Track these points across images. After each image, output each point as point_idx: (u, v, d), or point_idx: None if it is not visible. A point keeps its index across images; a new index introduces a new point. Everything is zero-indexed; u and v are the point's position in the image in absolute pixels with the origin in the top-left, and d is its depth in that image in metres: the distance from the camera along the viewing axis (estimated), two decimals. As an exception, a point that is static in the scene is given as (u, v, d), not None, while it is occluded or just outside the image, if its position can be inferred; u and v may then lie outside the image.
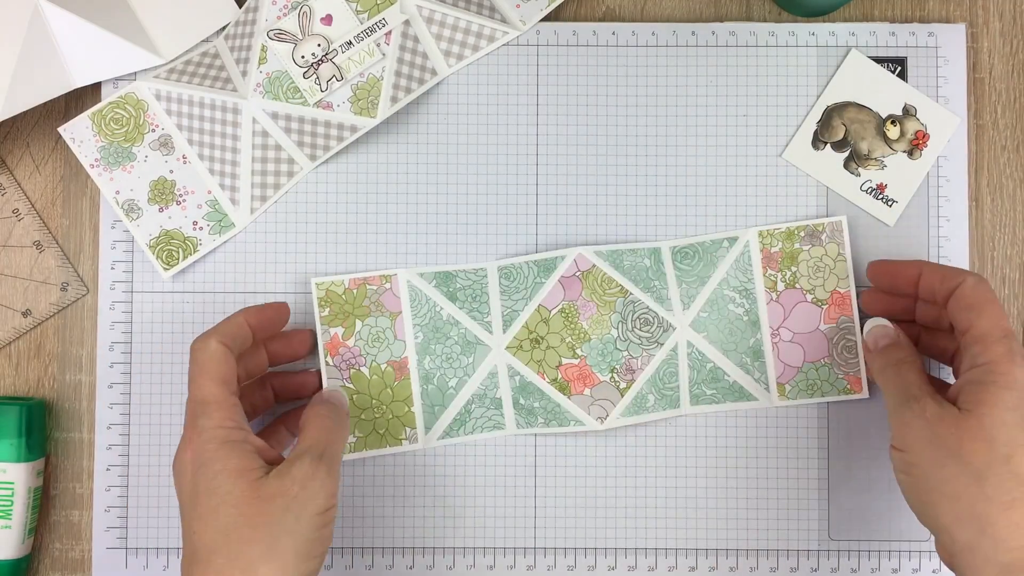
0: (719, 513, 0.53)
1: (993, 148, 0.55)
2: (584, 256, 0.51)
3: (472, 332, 0.52)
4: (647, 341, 0.52)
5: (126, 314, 0.54)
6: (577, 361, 0.51)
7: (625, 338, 0.52)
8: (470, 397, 0.52)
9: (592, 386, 0.51)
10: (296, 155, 0.54)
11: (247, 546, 0.41)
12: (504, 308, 0.52)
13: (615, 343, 0.51)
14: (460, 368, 0.52)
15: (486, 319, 0.52)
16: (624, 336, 0.52)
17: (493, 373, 0.52)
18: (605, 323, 0.51)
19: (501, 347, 0.50)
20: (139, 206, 0.54)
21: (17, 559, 0.52)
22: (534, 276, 0.52)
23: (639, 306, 0.51)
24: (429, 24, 0.53)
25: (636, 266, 0.52)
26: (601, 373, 0.51)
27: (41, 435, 0.53)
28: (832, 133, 0.54)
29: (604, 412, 0.51)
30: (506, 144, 0.54)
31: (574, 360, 0.51)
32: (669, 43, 0.55)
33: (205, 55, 0.54)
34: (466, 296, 0.53)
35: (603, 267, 0.51)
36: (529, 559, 0.53)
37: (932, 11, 0.55)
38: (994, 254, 0.55)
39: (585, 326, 0.51)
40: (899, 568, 0.53)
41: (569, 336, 0.51)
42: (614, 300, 0.51)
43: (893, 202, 0.54)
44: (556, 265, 0.52)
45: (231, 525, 0.41)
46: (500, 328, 0.52)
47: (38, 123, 0.55)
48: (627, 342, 0.52)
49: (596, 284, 0.51)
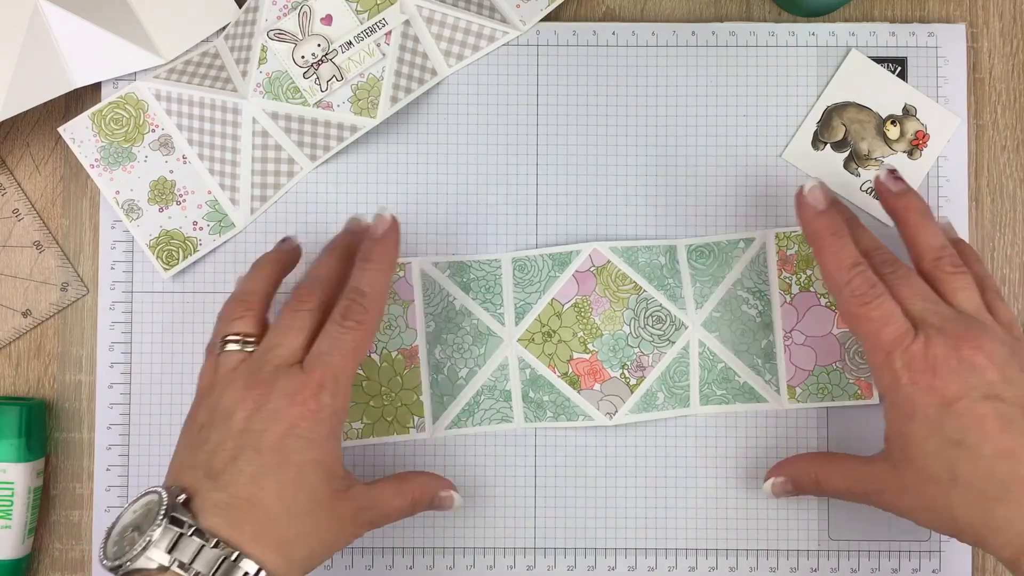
0: (719, 513, 0.53)
1: (993, 148, 0.55)
2: (599, 251, 0.51)
3: (484, 323, 0.52)
4: (659, 339, 0.52)
5: (126, 314, 0.54)
6: (588, 356, 0.51)
7: (637, 335, 0.52)
8: (479, 388, 0.52)
9: (602, 381, 0.51)
10: (296, 155, 0.54)
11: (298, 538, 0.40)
12: (517, 300, 0.52)
13: (627, 339, 0.52)
14: (471, 359, 0.52)
15: (499, 311, 0.52)
16: (636, 333, 0.52)
17: (504, 365, 0.52)
18: (617, 319, 0.51)
19: (513, 339, 0.50)
20: (139, 206, 0.54)
21: (17, 559, 0.52)
22: (548, 269, 0.52)
23: (652, 303, 0.51)
24: (429, 24, 0.53)
25: (651, 263, 0.52)
26: (612, 369, 0.51)
27: (41, 435, 0.53)
28: (832, 133, 0.54)
29: (613, 408, 0.51)
30: (506, 144, 0.55)
31: (585, 355, 0.51)
32: (669, 43, 0.55)
33: (205, 55, 0.54)
34: (479, 287, 0.53)
35: (618, 263, 0.51)
36: (529, 559, 0.53)
37: (932, 11, 0.55)
38: (994, 254, 0.55)
39: (597, 321, 0.51)
40: (899, 568, 0.53)
41: (581, 331, 0.51)
42: (627, 297, 0.51)
43: (893, 202, 0.54)
44: (571, 259, 0.52)
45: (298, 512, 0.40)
46: (512, 320, 0.52)
47: (38, 123, 0.55)
48: (639, 339, 0.52)
49: (610, 280, 0.52)
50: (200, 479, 0.40)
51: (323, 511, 0.41)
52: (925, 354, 0.41)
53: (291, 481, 0.40)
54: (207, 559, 0.38)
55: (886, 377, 0.42)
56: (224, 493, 0.40)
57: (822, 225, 0.45)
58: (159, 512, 0.39)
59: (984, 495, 0.40)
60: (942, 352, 0.41)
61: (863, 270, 0.44)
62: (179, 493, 0.40)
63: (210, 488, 0.40)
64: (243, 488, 0.40)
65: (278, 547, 0.39)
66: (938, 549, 0.53)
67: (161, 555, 0.38)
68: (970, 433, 0.40)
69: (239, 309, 0.46)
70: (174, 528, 0.38)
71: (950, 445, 0.40)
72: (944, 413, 0.41)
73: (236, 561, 0.38)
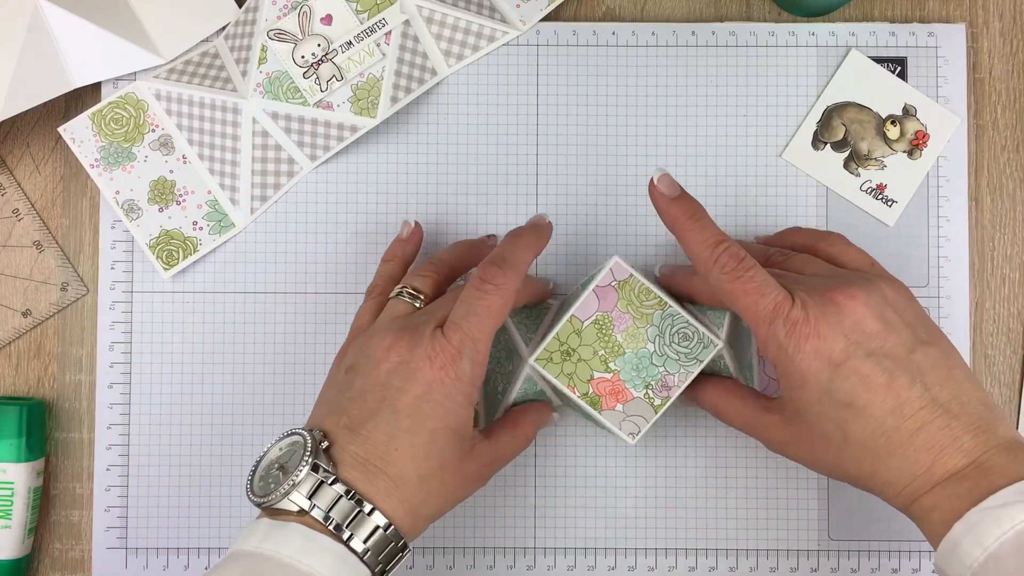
0: (719, 513, 0.53)
1: (993, 148, 0.55)
2: (621, 265, 0.48)
3: (512, 340, 0.50)
4: (686, 357, 0.48)
5: (126, 314, 0.54)
6: (610, 375, 0.48)
7: (662, 353, 0.48)
8: (511, 403, 0.51)
9: (625, 402, 0.48)
10: (296, 155, 0.54)
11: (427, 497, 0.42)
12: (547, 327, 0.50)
13: (651, 358, 0.48)
14: (504, 375, 0.50)
15: (529, 334, 0.51)
16: (661, 351, 0.48)
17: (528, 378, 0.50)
18: (641, 336, 0.48)
19: (531, 359, 0.47)
20: (139, 206, 0.54)
21: (17, 559, 0.52)
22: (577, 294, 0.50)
23: (678, 320, 0.48)
24: (429, 24, 0.53)
25: None
26: (635, 389, 0.48)
27: (41, 435, 0.53)
28: (832, 133, 0.54)
29: (636, 428, 0.48)
30: (506, 144, 0.55)
31: (606, 374, 0.48)
32: (669, 43, 0.55)
33: (205, 55, 0.54)
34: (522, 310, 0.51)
35: (640, 277, 0.48)
36: (529, 559, 0.53)
37: (932, 11, 0.55)
38: (994, 254, 0.55)
39: (619, 339, 0.48)
40: (899, 568, 0.53)
41: (602, 349, 0.48)
42: (651, 313, 0.48)
43: (893, 202, 0.54)
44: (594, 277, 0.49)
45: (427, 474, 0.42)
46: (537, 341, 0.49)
47: (38, 123, 0.55)
48: (664, 357, 0.48)
49: (633, 295, 0.48)
50: (341, 428, 0.42)
51: (450, 472, 0.43)
52: (806, 318, 0.42)
53: (423, 445, 0.42)
54: (343, 509, 0.40)
55: (772, 347, 0.43)
56: (362, 448, 0.42)
57: (679, 210, 0.45)
58: (303, 457, 0.40)
59: (874, 452, 0.41)
60: (820, 311, 0.42)
61: (728, 246, 0.44)
62: (322, 439, 0.42)
63: (349, 440, 0.42)
64: (379, 446, 0.42)
65: (407, 504, 0.42)
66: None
67: (302, 499, 0.40)
68: (859, 394, 0.41)
69: (428, 268, 0.49)
70: (315, 475, 0.40)
71: (840, 407, 0.41)
72: (833, 376, 0.41)
73: (369, 514, 0.40)
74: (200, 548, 0.53)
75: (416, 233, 0.52)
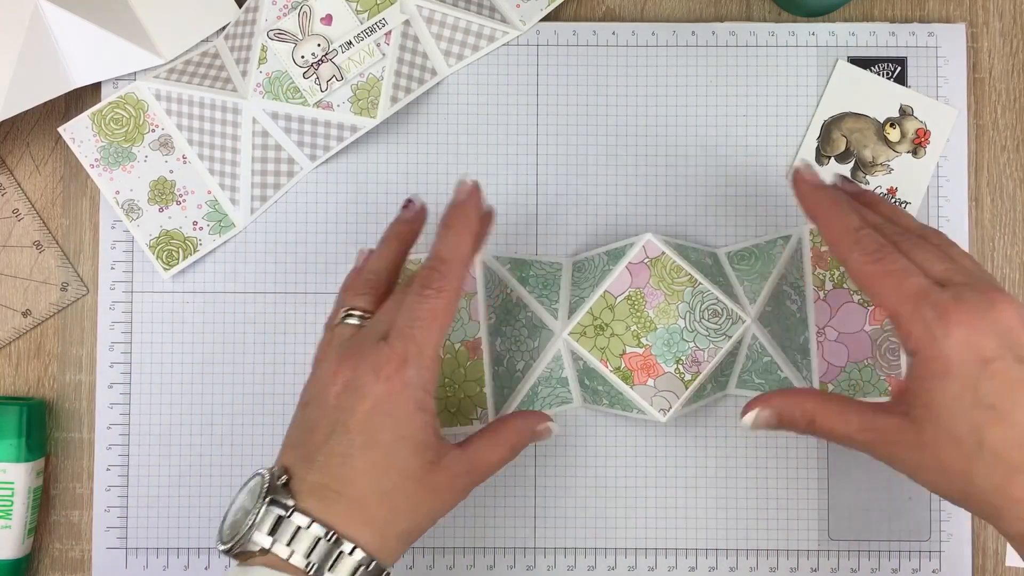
0: (719, 513, 0.53)
1: (993, 148, 0.55)
2: (653, 243, 0.49)
3: (538, 316, 0.51)
4: (715, 333, 0.50)
5: (126, 314, 0.54)
6: (642, 350, 0.50)
7: (692, 329, 0.50)
8: (536, 380, 0.51)
9: (656, 377, 0.50)
10: (296, 155, 0.54)
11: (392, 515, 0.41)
12: (573, 296, 0.52)
13: (682, 333, 0.50)
14: (527, 351, 0.51)
15: (553, 305, 0.51)
16: (691, 327, 0.50)
17: (557, 356, 0.51)
18: (672, 312, 0.50)
19: (564, 333, 0.48)
20: (139, 206, 0.54)
21: (17, 559, 0.52)
22: (603, 264, 0.51)
23: (708, 296, 0.50)
24: (429, 24, 0.53)
25: (699, 262, 0.52)
26: (666, 364, 0.50)
27: (41, 435, 0.53)
28: (834, 146, 0.54)
29: (667, 404, 0.49)
30: (506, 144, 0.55)
31: (638, 349, 0.50)
32: (669, 43, 0.55)
33: (205, 55, 0.54)
34: (537, 282, 0.52)
35: (672, 254, 0.49)
36: (529, 559, 0.53)
37: (932, 11, 0.55)
38: (994, 254, 0.55)
39: (651, 315, 0.50)
40: (899, 568, 0.53)
41: (634, 324, 0.50)
42: (682, 289, 0.50)
43: (906, 204, 0.54)
44: (625, 252, 0.51)
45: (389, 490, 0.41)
46: (565, 314, 0.51)
47: (38, 123, 0.55)
48: (694, 333, 0.50)
49: (664, 272, 0.50)
50: (299, 459, 0.41)
51: (416, 485, 0.41)
52: (957, 305, 0.39)
53: (380, 460, 0.41)
54: (305, 541, 0.39)
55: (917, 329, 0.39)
56: (320, 475, 0.40)
57: (821, 196, 0.44)
58: (260, 495, 0.40)
59: (1008, 463, 0.38)
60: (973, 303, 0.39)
61: (869, 232, 0.42)
62: (281, 475, 0.41)
63: (307, 469, 0.41)
64: (335, 469, 0.40)
65: (372, 525, 0.40)
66: (938, 549, 0.53)
67: (263, 538, 0.39)
68: (1004, 397, 0.38)
69: (363, 286, 0.46)
70: (275, 510, 0.39)
71: (981, 407, 0.38)
72: (980, 372, 0.38)
73: (334, 542, 0.39)
74: (200, 548, 0.53)
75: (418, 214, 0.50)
